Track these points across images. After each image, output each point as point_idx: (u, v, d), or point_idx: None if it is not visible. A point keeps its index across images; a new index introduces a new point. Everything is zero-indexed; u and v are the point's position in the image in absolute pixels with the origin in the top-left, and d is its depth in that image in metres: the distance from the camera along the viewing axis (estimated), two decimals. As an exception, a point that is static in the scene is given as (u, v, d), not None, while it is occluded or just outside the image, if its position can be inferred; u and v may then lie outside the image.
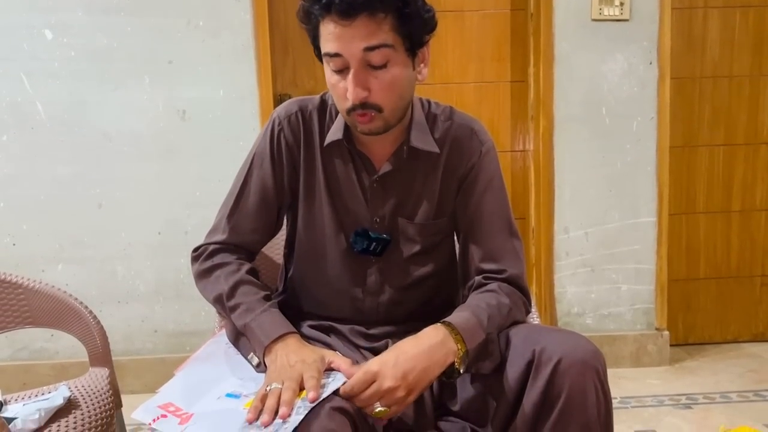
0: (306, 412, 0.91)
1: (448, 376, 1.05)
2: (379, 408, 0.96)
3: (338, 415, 0.93)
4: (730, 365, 2.56)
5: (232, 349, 1.19)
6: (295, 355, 1.04)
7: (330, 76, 1.10)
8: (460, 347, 1.03)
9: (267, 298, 1.16)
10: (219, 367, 1.14)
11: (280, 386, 0.96)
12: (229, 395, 1.04)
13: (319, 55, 1.12)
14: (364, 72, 1.06)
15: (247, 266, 1.20)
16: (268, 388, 0.97)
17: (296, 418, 0.90)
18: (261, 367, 1.09)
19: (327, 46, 1.07)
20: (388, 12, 1.04)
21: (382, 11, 1.03)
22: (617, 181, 2.50)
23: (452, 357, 1.02)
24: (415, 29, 1.08)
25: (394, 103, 1.10)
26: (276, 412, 0.93)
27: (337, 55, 1.06)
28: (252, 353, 1.12)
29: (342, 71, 1.08)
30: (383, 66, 1.07)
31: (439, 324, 1.06)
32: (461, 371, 1.04)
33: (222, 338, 1.24)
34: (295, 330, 1.11)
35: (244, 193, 1.23)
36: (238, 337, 1.17)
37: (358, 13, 1.02)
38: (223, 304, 1.16)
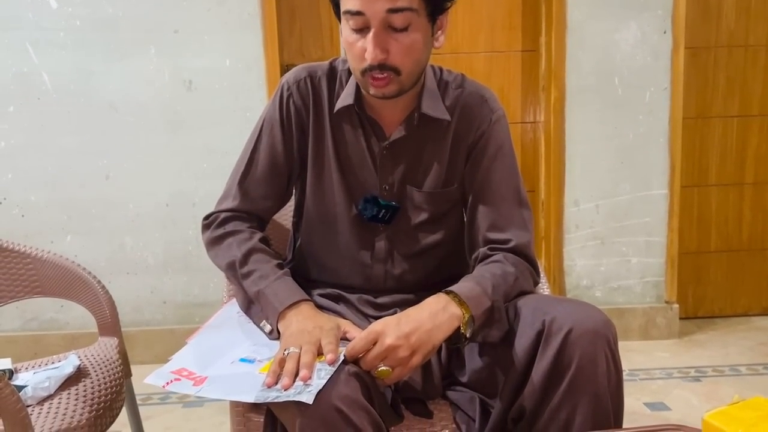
0: (328, 376, 0.91)
1: (453, 342, 1.04)
2: (382, 367, 0.96)
3: (353, 380, 0.93)
4: (739, 338, 2.55)
5: (244, 317, 1.19)
6: (311, 321, 1.04)
7: (348, 35, 1.08)
8: (464, 311, 1.02)
9: (280, 267, 1.16)
10: (231, 333, 1.14)
11: (298, 350, 0.96)
12: (243, 360, 1.04)
13: (337, 13, 1.10)
14: (384, 33, 1.05)
15: (259, 235, 1.20)
16: (285, 352, 0.97)
17: (319, 382, 0.90)
18: (274, 334, 1.09)
19: (349, 3, 1.04)
20: None
21: None
22: (629, 152, 2.46)
23: (457, 322, 1.01)
24: None
25: (411, 66, 1.09)
26: (296, 376, 0.92)
27: (359, 13, 1.04)
28: (264, 320, 1.12)
29: (361, 30, 1.06)
30: (404, 29, 1.05)
31: (440, 293, 1.05)
32: (467, 336, 1.03)
33: (233, 306, 1.24)
34: (309, 297, 1.11)
35: (255, 159, 1.22)
36: (250, 305, 1.17)
37: None
38: (235, 271, 1.16)
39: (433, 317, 1.00)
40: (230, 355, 1.05)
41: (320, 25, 2.43)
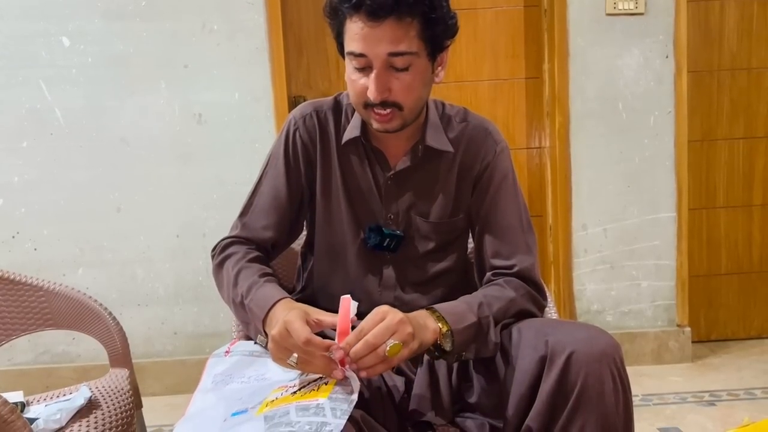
0: (346, 415, 0.90)
1: (438, 356, 1.07)
2: (393, 342, 0.96)
3: (353, 428, 0.93)
4: (754, 361, 2.52)
5: (219, 383, 1.13)
6: (283, 313, 1.03)
7: (351, 72, 1.12)
8: (442, 326, 1.04)
9: (264, 275, 1.16)
10: (216, 405, 1.07)
11: (295, 357, 0.97)
12: (235, 414, 1.01)
13: (341, 51, 1.14)
14: (386, 73, 1.08)
15: (253, 254, 1.21)
16: (290, 361, 0.97)
17: (338, 422, 0.88)
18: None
19: (352, 45, 1.08)
20: (414, 16, 1.05)
21: (409, 15, 1.05)
22: (635, 176, 2.47)
23: (434, 335, 1.04)
24: (438, 35, 1.10)
25: (413, 102, 1.13)
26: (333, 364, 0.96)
27: (361, 55, 1.07)
28: (259, 336, 1.12)
29: (364, 69, 1.09)
30: (405, 69, 1.09)
31: (421, 309, 1.07)
32: (449, 348, 1.05)
33: (204, 385, 1.15)
34: (287, 295, 1.11)
35: (258, 192, 1.27)
36: (248, 325, 1.17)
37: (386, 15, 1.03)
38: (230, 295, 1.17)
39: (416, 327, 1.01)
40: (220, 415, 1.01)
41: (327, 58, 2.48)
